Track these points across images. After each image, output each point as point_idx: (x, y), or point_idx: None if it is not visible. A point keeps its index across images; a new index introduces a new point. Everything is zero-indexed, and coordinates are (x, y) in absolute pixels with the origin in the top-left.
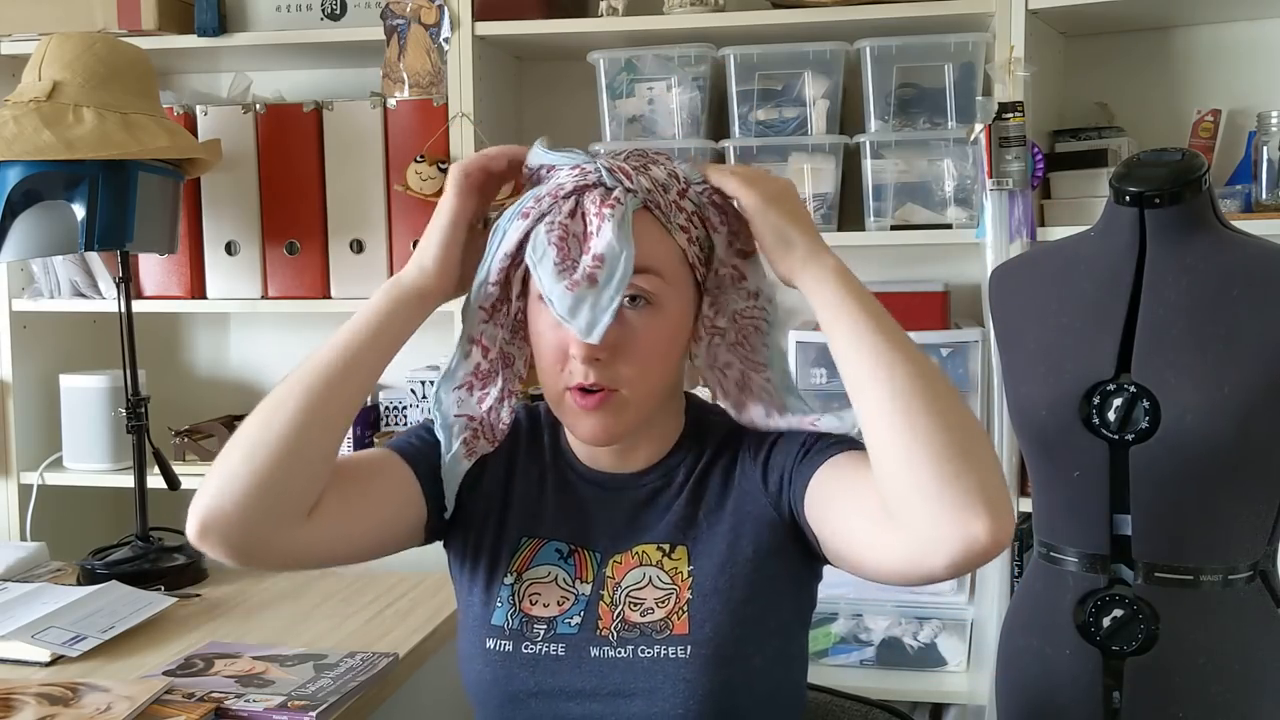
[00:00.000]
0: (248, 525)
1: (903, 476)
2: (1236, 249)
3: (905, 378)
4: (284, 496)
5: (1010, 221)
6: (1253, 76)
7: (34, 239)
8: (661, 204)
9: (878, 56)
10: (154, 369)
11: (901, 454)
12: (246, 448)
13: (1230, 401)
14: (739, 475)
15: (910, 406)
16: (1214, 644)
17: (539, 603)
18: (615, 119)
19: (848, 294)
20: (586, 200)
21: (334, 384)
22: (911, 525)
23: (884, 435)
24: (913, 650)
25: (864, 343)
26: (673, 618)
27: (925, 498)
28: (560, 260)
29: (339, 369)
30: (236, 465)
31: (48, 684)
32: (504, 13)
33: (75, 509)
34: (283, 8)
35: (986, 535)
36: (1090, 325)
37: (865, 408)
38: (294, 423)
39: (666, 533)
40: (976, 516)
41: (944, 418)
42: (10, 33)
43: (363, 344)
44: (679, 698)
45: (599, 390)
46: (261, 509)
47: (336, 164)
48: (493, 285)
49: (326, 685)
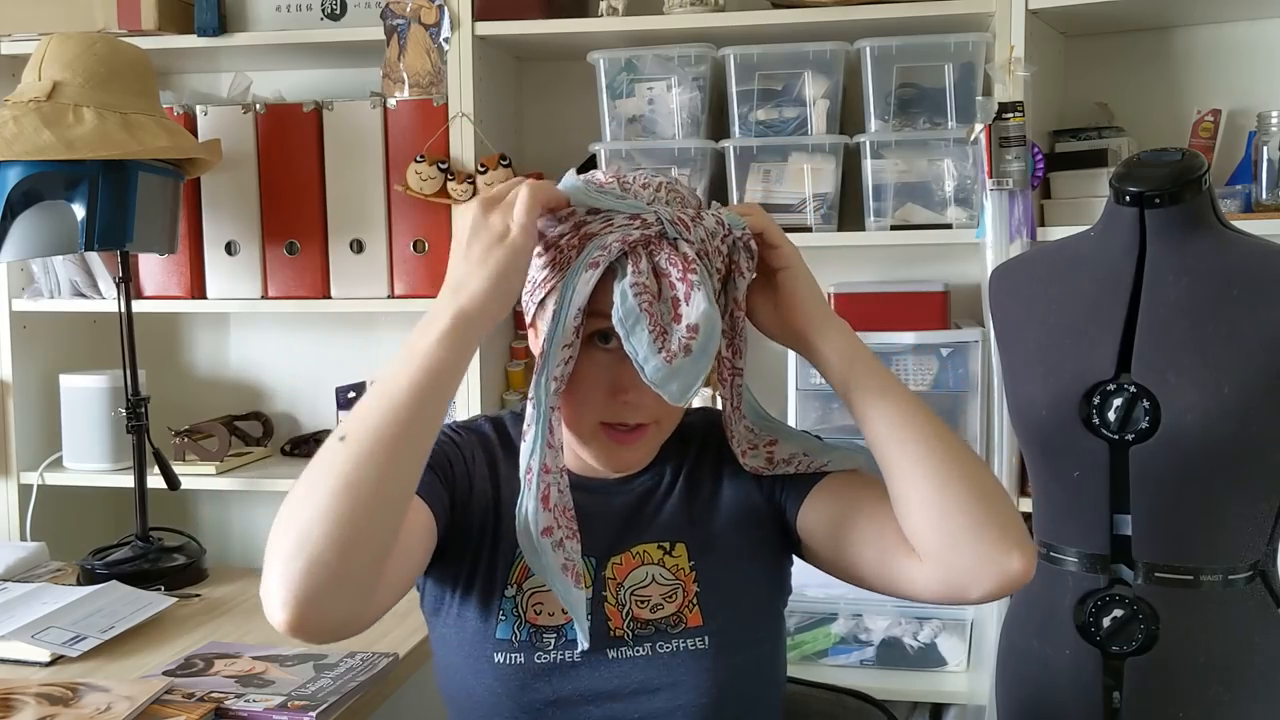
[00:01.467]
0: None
1: (940, 525)
2: (1236, 249)
3: (934, 434)
4: (373, 566)
5: (1010, 221)
6: (1253, 76)
7: (34, 239)
8: (709, 252)
9: (878, 56)
10: (154, 369)
11: (939, 505)
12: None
13: (1230, 401)
14: (726, 468)
15: (944, 460)
16: (1214, 644)
17: (543, 612)
18: (615, 119)
19: (869, 355)
20: (661, 259)
21: (412, 443)
22: (950, 565)
23: (921, 489)
24: (913, 650)
25: (895, 401)
26: (684, 611)
27: (963, 543)
28: (653, 328)
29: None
30: (321, 548)
31: (48, 684)
32: (504, 13)
33: (75, 509)
34: (283, 8)
35: (1021, 568)
36: (1090, 325)
37: (902, 463)
38: (379, 491)
39: (664, 531)
40: (1010, 554)
41: (967, 466)
42: (10, 33)
43: (438, 391)
44: (702, 687)
45: (635, 426)
46: (353, 586)
47: (336, 164)
48: (567, 346)
49: (326, 685)
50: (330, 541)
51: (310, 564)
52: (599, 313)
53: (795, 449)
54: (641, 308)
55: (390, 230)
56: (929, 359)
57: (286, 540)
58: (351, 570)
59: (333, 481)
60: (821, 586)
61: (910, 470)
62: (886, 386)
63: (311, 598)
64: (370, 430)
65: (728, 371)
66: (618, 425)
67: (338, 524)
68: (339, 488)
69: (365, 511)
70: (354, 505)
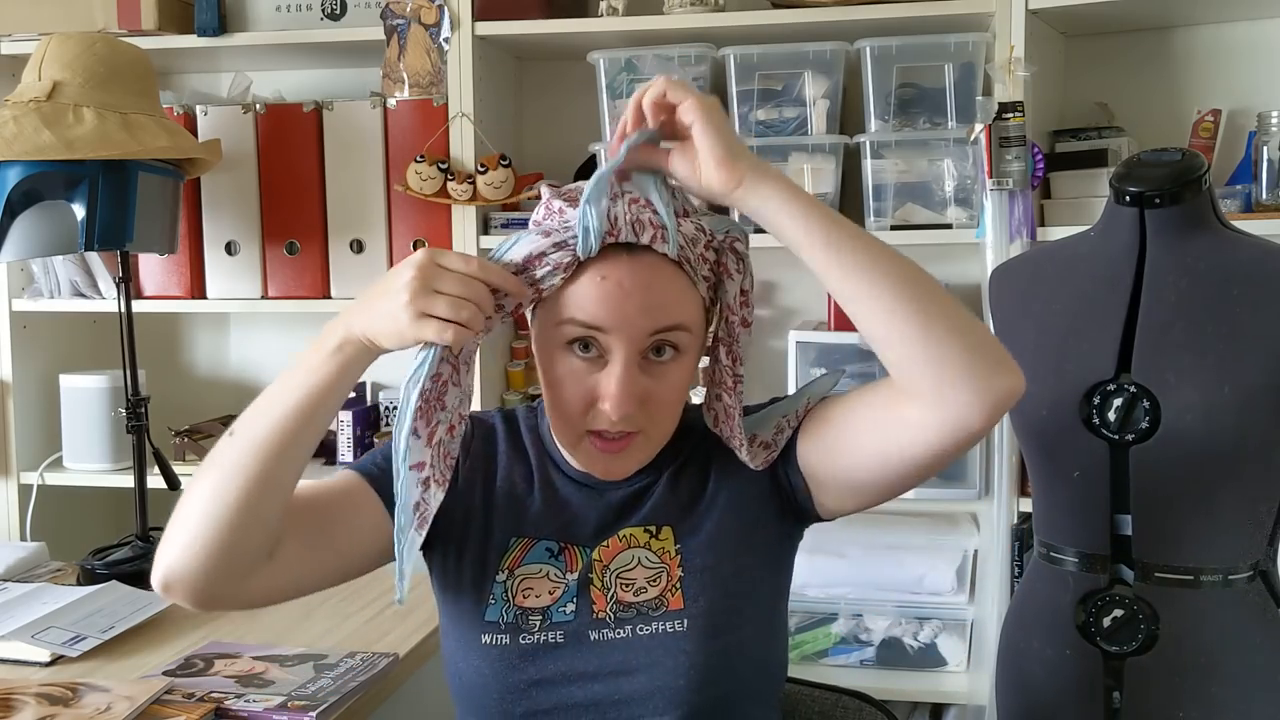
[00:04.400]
0: (209, 582)
1: (933, 359)
2: (1236, 249)
3: (900, 268)
4: (246, 550)
5: (1010, 221)
6: (1253, 76)
7: (34, 239)
8: (690, 258)
9: (878, 56)
10: (154, 369)
11: (926, 339)
12: (205, 512)
13: (1230, 401)
14: (718, 466)
15: (918, 294)
16: (1214, 644)
17: (531, 595)
18: (615, 119)
19: (809, 201)
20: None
21: (290, 446)
22: (948, 401)
23: (905, 327)
24: (913, 650)
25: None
26: (667, 594)
27: (957, 373)
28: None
29: (296, 430)
30: (196, 530)
31: (48, 684)
32: (504, 13)
33: (75, 509)
34: (283, 8)
35: (1017, 383)
36: (1090, 325)
37: (878, 305)
38: (250, 485)
39: (651, 515)
40: (1003, 373)
41: (939, 294)
42: (10, 33)
43: (322, 403)
44: (679, 669)
45: (621, 434)
46: (221, 567)
47: (336, 164)
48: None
49: (326, 685)
50: (207, 522)
51: (187, 539)
52: (574, 321)
53: (777, 420)
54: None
55: (390, 230)
56: None
57: (176, 514)
58: (222, 549)
59: (214, 471)
60: (821, 587)
61: (889, 316)
62: (839, 232)
63: (178, 566)
64: (252, 432)
65: (730, 379)
66: (604, 434)
67: (207, 509)
68: (218, 478)
69: (238, 501)
70: (228, 495)
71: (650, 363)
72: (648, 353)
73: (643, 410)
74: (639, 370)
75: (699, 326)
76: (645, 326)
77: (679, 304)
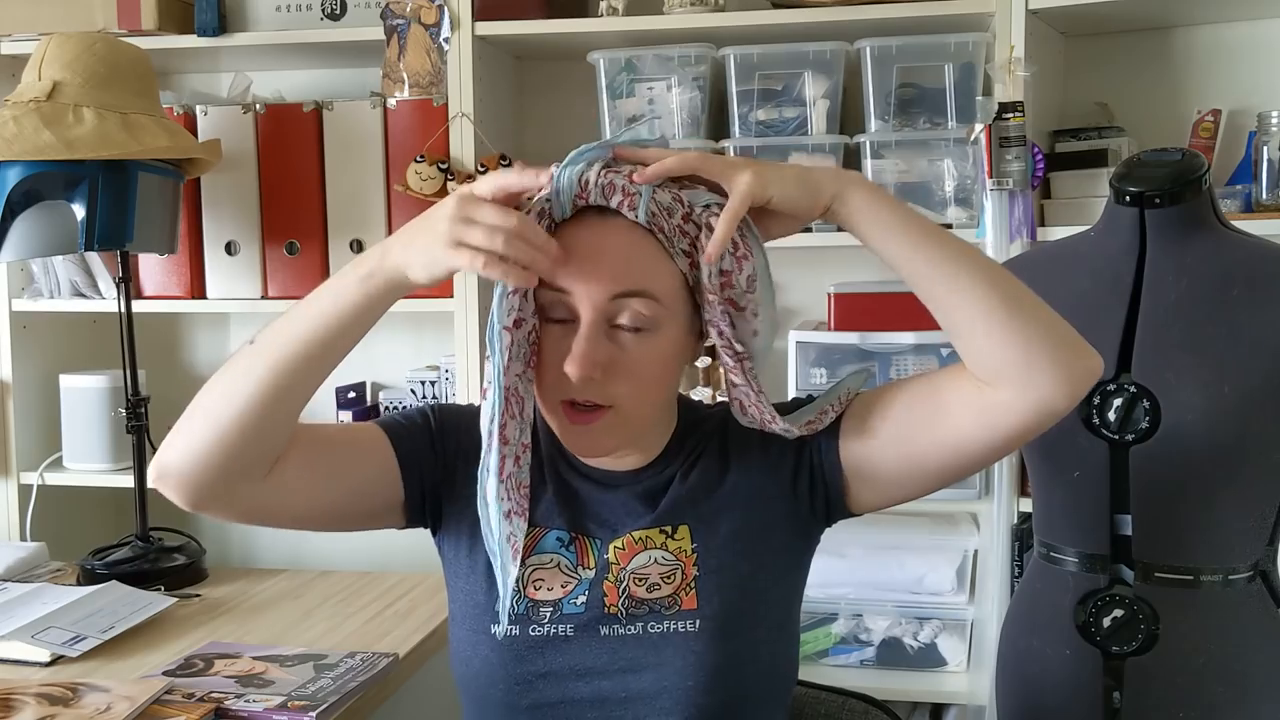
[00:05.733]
0: (206, 480)
1: (1020, 345)
2: (1236, 249)
3: (982, 265)
4: (242, 459)
5: (1010, 221)
6: (1253, 76)
7: (34, 239)
8: (665, 228)
9: (878, 56)
10: (154, 369)
11: (1014, 327)
12: (211, 412)
13: (1230, 401)
14: (735, 459)
15: (1002, 288)
16: (1214, 644)
17: (543, 587)
18: (615, 119)
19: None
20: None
21: (302, 367)
22: (1034, 382)
23: (995, 315)
24: (913, 650)
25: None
26: (680, 593)
27: (1044, 356)
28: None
29: (313, 353)
30: (199, 427)
31: (48, 684)
32: (504, 13)
33: (75, 509)
34: (283, 8)
35: (1097, 365)
36: (1090, 325)
37: (963, 303)
38: (259, 397)
39: (667, 516)
40: (1084, 355)
41: (1018, 283)
42: (10, 33)
43: (342, 330)
44: (688, 670)
45: (592, 407)
46: (220, 468)
47: (336, 164)
48: (514, 293)
49: (326, 685)
50: (209, 420)
51: (188, 432)
52: (543, 284)
53: (820, 405)
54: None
55: (390, 230)
56: (929, 359)
57: (187, 411)
58: (219, 449)
59: (227, 375)
60: (821, 587)
61: (975, 305)
62: (922, 230)
63: (178, 459)
64: (273, 347)
65: (730, 358)
66: (576, 404)
67: (216, 409)
68: (228, 385)
69: (244, 406)
70: (235, 398)
71: (618, 331)
72: (616, 319)
73: (610, 380)
74: (604, 336)
75: (674, 301)
76: (607, 288)
77: (644, 271)
